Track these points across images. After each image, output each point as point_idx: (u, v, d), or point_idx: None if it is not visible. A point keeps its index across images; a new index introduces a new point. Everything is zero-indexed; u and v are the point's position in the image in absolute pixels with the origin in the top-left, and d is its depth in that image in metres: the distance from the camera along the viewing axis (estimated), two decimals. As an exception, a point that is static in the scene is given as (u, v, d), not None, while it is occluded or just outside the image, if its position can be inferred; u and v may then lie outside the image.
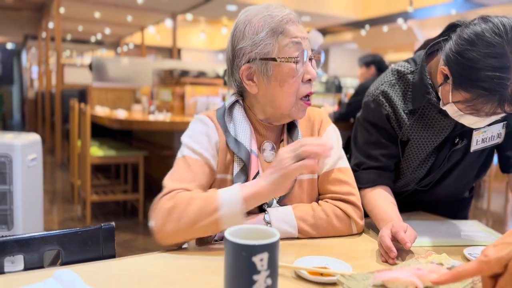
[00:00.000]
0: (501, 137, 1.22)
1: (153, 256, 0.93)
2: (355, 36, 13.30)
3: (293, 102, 1.04)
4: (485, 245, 1.03)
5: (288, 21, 1.02)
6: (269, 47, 1.01)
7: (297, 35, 1.02)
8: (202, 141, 1.06)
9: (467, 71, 0.98)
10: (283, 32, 1.01)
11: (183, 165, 1.03)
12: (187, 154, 1.04)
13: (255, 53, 1.02)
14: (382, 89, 1.23)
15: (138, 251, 3.23)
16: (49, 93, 8.11)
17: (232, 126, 1.09)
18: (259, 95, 1.07)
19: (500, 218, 4.72)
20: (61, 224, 3.91)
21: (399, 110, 1.20)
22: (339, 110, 4.24)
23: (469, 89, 0.98)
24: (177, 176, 1.01)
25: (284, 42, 1.01)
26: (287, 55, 1.01)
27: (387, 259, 0.91)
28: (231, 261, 0.62)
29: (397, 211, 1.12)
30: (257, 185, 0.93)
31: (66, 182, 5.63)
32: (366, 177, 1.22)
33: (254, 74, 1.04)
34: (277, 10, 1.03)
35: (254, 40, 1.02)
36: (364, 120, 1.28)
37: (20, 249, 0.90)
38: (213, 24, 13.35)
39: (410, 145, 1.22)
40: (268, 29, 1.01)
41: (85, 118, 3.72)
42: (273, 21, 1.01)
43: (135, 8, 9.14)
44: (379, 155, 1.23)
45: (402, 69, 1.24)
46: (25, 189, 2.24)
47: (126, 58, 6.84)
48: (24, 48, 15.47)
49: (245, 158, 1.05)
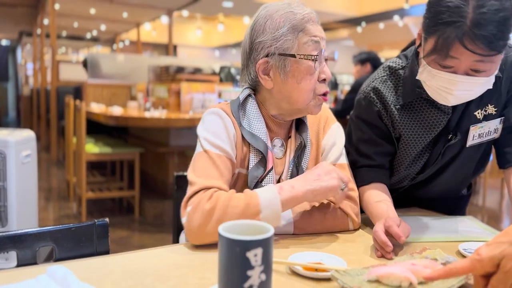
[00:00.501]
0: (497, 132, 1.22)
1: (148, 252, 0.92)
2: (351, 33, 13.30)
3: (311, 98, 1.06)
4: (480, 240, 1.04)
5: (309, 20, 1.04)
6: (289, 43, 1.02)
7: (316, 34, 1.04)
8: (221, 135, 1.05)
9: (431, 11, 1.00)
10: (304, 30, 1.02)
11: (207, 160, 1.01)
12: (208, 149, 1.03)
13: (274, 47, 1.03)
14: (373, 85, 1.24)
15: (133, 248, 3.22)
16: (44, 90, 8.07)
17: (246, 120, 1.08)
18: (274, 90, 1.07)
19: (495, 214, 4.74)
20: (56, 221, 3.89)
21: (390, 106, 1.20)
22: (335, 107, 4.25)
23: (433, 29, 0.99)
24: (204, 172, 0.99)
25: (304, 40, 1.02)
26: (306, 53, 1.02)
27: (384, 254, 0.91)
28: (225, 257, 0.61)
29: (392, 207, 1.12)
30: (295, 191, 0.95)
31: (61, 179, 5.61)
32: (361, 175, 1.23)
33: (270, 69, 1.05)
34: (299, 8, 1.04)
35: (275, 35, 1.02)
36: (356, 118, 1.28)
37: (14, 245, 0.90)
38: (209, 20, 13.32)
39: (402, 141, 1.22)
40: (289, 25, 1.02)
41: (81, 115, 3.70)
42: (295, 18, 1.02)
43: (131, 5, 9.09)
44: (372, 153, 1.24)
45: (393, 65, 1.24)
46: (19, 185, 2.23)
47: (121, 55, 6.81)
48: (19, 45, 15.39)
49: (264, 149, 1.05)
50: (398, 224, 0.96)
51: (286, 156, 1.12)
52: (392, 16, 10.15)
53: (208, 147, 1.03)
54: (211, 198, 0.93)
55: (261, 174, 1.05)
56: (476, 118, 1.18)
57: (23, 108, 12.43)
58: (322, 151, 1.16)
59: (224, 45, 15.75)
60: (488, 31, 0.93)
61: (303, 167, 1.10)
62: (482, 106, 1.18)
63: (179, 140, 4.11)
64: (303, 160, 1.10)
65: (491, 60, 0.98)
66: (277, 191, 0.95)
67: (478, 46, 0.94)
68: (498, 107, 1.19)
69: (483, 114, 1.18)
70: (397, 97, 1.21)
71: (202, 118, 1.10)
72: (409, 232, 0.97)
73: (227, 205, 0.92)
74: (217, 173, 1.00)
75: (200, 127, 1.08)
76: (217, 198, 0.93)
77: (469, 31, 0.94)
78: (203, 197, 0.93)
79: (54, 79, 7.13)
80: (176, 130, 4.04)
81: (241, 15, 10.68)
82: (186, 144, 4.12)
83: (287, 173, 1.10)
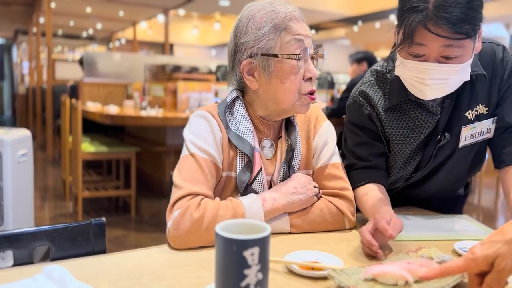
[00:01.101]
0: (490, 132, 1.22)
1: (144, 251, 0.92)
2: (348, 32, 13.32)
3: (296, 98, 1.05)
4: (476, 239, 1.04)
5: (292, 18, 1.02)
6: (271, 43, 1.01)
7: (299, 33, 1.02)
8: (207, 138, 1.05)
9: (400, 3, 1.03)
10: (286, 28, 1.01)
11: (193, 164, 1.01)
12: (195, 152, 1.03)
13: (257, 48, 1.02)
14: (361, 89, 1.25)
15: (130, 247, 3.22)
16: (40, 88, 8.04)
17: (233, 123, 1.08)
18: (260, 91, 1.07)
19: (491, 213, 4.77)
20: (52, 220, 3.88)
21: (378, 109, 1.21)
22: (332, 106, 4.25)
23: (401, 20, 1.01)
24: (190, 176, 1.00)
25: (287, 39, 1.01)
26: (289, 52, 1.01)
27: (371, 253, 0.91)
28: (222, 256, 0.62)
29: (388, 205, 1.12)
30: (276, 203, 1.01)
31: (57, 178, 5.60)
32: (358, 177, 1.22)
33: (255, 69, 1.05)
34: (281, 7, 1.03)
35: (257, 35, 1.02)
36: (349, 122, 1.28)
37: (10, 244, 0.90)
38: (206, 19, 13.29)
39: (393, 144, 1.23)
40: (271, 25, 1.01)
41: (77, 114, 3.69)
42: (277, 17, 1.01)
43: (127, 3, 9.07)
44: (367, 154, 1.24)
45: (380, 68, 1.25)
46: (15, 184, 2.22)
47: (118, 54, 6.79)
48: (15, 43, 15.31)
49: (250, 153, 1.05)
50: (388, 220, 0.94)
51: (277, 156, 1.11)
52: (388, 15, 10.16)
53: (195, 151, 1.03)
54: (199, 206, 0.95)
55: (249, 178, 1.05)
56: (467, 119, 1.18)
57: (18, 107, 12.38)
58: (313, 151, 1.15)
59: (220, 44, 15.73)
60: (451, 13, 0.94)
61: (294, 169, 1.10)
62: (472, 107, 1.18)
63: (175, 139, 4.11)
64: (293, 162, 1.10)
65: (460, 45, 0.99)
66: (260, 202, 0.99)
67: (442, 29, 0.95)
68: (489, 107, 1.19)
69: (474, 115, 1.18)
70: (385, 100, 1.21)
71: (189, 120, 1.10)
72: (401, 227, 0.95)
73: (215, 214, 0.94)
74: (203, 178, 1.00)
75: (186, 130, 1.08)
76: (205, 207, 0.95)
77: (432, 15, 0.95)
78: (191, 204, 0.95)
79: (50, 77, 7.10)
80: (172, 129, 4.04)
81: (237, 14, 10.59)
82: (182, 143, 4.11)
83: (279, 174, 1.09)
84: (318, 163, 1.14)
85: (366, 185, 1.21)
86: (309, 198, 1.05)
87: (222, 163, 1.06)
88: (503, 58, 1.18)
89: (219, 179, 1.06)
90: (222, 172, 1.06)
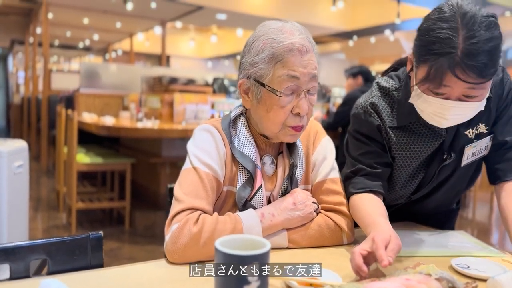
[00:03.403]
0: (487, 149, 1.24)
1: (142, 265, 0.92)
2: (343, 47, 13.44)
3: (279, 129, 1.04)
4: (472, 255, 1.05)
5: (293, 50, 0.98)
6: (263, 71, 1.00)
7: (295, 69, 0.98)
8: (211, 153, 1.04)
9: (422, 40, 1.02)
10: (282, 61, 0.98)
11: (195, 178, 1.01)
12: (197, 166, 1.02)
13: (251, 71, 1.02)
14: (371, 101, 1.22)
15: (124, 260, 3.19)
16: (36, 98, 8.02)
17: (237, 139, 1.08)
18: (252, 111, 1.08)
19: (485, 227, 4.77)
20: (46, 232, 3.85)
21: (385, 125, 1.21)
22: (327, 120, 4.28)
23: (424, 58, 1.00)
24: (191, 190, 0.99)
25: (280, 72, 0.99)
26: (277, 86, 0.99)
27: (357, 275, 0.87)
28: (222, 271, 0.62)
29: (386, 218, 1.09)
30: (275, 220, 1.01)
31: (51, 189, 5.55)
32: (362, 182, 1.18)
33: (249, 90, 1.05)
34: (286, 35, 0.99)
35: (254, 59, 1.01)
36: (355, 132, 1.25)
37: (6, 258, 0.89)
38: (203, 32, 13.37)
39: (397, 160, 1.23)
40: (268, 53, 0.99)
41: (72, 125, 3.68)
42: (276, 46, 0.98)
43: (124, 15, 9.11)
44: (374, 163, 1.21)
45: (387, 85, 1.23)
46: (10, 196, 2.21)
47: (114, 65, 6.80)
48: (11, 53, 15.30)
49: (252, 169, 1.05)
50: (387, 242, 0.89)
51: (277, 173, 1.11)
52: (383, 30, 10.29)
53: (198, 165, 1.03)
54: (198, 221, 0.94)
55: (248, 194, 1.05)
56: (468, 137, 1.19)
57: (13, 117, 12.32)
58: (312, 166, 1.15)
59: (217, 56, 15.81)
60: (479, 61, 0.95)
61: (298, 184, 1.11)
62: (473, 125, 1.19)
63: (171, 151, 4.11)
64: (295, 178, 1.10)
65: (482, 87, 1.01)
66: (259, 218, 0.99)
67: (470, 76, 0.96)
68: (488, 126, 1.21)
69: (474, 133, 1.20)
70: (392, 119, 1.20)
71: (193, 134, 1.10)
72: (400, 248, 0.92)
73: (214, 228, 0.94)
74: (204, 193, 1.00)
75: (190, 143, 1.08)
76: (203, 221, 0.94)
77: (461, 62, 0.95)
78: (190, 219, 0.94)
79: (46, 88, 7.09)
80: (168, 141, 4.03)
81: (234, 27, 10.75)
82: (178, 154, 4.11)
83: (279, 190, 1.09)
84: (316, 178, 1.14)
85: (369, 193, 1.17)
86: (308, 215, 1.05)
87: (224, 177, 1.06)
88: (503, 78, 1.20)
89: (219, 194, 1.06)
90: (223, 186, 1.06)
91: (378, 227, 0.98)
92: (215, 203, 1.05)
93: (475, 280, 0.90)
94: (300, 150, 1.13)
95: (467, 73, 0.96)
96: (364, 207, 1.12)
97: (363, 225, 1.08)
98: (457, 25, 0.97)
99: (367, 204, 1.13)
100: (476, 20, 0.97)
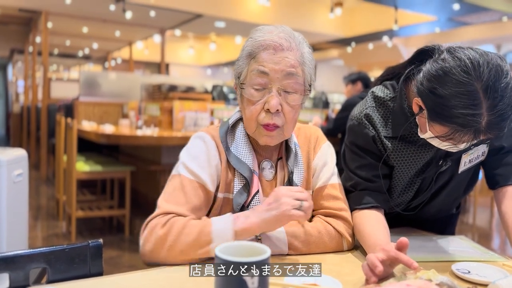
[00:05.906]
0: (484, 155, 1.24)
1: (141, 273, 0.91)
2: (342, 53, 13.49)
3: (254, 127, 1.05)
4: (472, 260, 1.05)
5: (267, 47, 1.00)
6: (241, 69, 1.04)
7: (265, 64, 0.99)
8: (200, 161, 1.05)
9: (440, 107, 0.96)
10: (255, 57, 1.01)
11: (177, 185, 1.02)
12: (183, 174, 1.03)
13: (235, 71, 1.06)
14: (366, 112, 1.21)
15: (124, 268, 3.18)
16: (35, 107, 8.03)
17: (234, 144, 1.08)
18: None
19: (486, 232, 4.76)
20: (45, 240, 3.83)
21: (381, 135, 1.20)
22: (326, 126, 4.28)
23: (444, 124, 0.98)
24: (170, 196, 1.01)
25: (252, 67, 1.02)
26: (248, 81, 1.02)
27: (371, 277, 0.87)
28: (222, 278, 0.62)
29: (388, 237, 1.08)
30: (249, 221, 0.94)
31: (51, 198, 5.55)
32: (364, 198, 1.18)
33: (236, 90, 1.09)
34: (266, 34, 1.02)
35: (238, 58, 1.06)
36: (352, 144, 1.24)
37: (6, 266, 0.88)
38: (202, 40, 13.42)
39: (395, 168, 1.22)
40: (246, 51, 1.03)
41: (72, 133, 3.68)
42: (253, 44, 1.02)
43: (124, 24, 9.15)
44: (372, 176, 1.20)
45: (381, 95, 1.22)
46: (10, 205, 2.20)
47: (114, 73, 6.82)
48: (10, 62, 15.34)
49: (248, 175, 1.05)
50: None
51: (277, 178, 1.11)
52: (381, 36, 10.33)
53: (183, 172, 1.04)
54: (166, 224, 0.94)
55: (245, 200, 1.04)
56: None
57: (12, 125, 12.33)
58: (313, 172, 1.15)
59: (216, 63, 15.86)
60: (501, 127, 0.96)
61: None
62: None
63: (171, 158, 4.10)
64: (294, 184, 1.09)
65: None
66: (232, 221, 0.95)
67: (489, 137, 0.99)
68: None
69: None
70: (387, 129, 1.19)
71: (189, 140, 1.12)
72: None
73: (180, 232, 0.93)
74: (183, 199, 1.00)
75: (183, 150, 1.10)
76: (171, 225, 0.94)
77: (485, 130, 0.95)
78: (158, 223, 0.95)
79: (45, 96, 7.10)
80: (168, 148, 4.03)
81: (233, 35, 10.79)
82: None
83: None
84: (317, 184, 1.14)
85: (371, 209, 1.16)
86: (284, 213, 0.93)
87: (218, 184, 1.06)
88: None
89: (212, 201, 1.06)
90: (218, 193, 1.06)
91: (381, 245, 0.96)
92: (211, 211, 1.05)
93: (476, 285, 0.89)
94: (299, 155, 1.13)
95: (487, 136, 0.98)
96: (365, 226, 1.10)
97: (365, 245, 1.07)
98: (480, 100, 0.93)
99: (367, 223, 1.11)
100: (497, 87, 0.93)
